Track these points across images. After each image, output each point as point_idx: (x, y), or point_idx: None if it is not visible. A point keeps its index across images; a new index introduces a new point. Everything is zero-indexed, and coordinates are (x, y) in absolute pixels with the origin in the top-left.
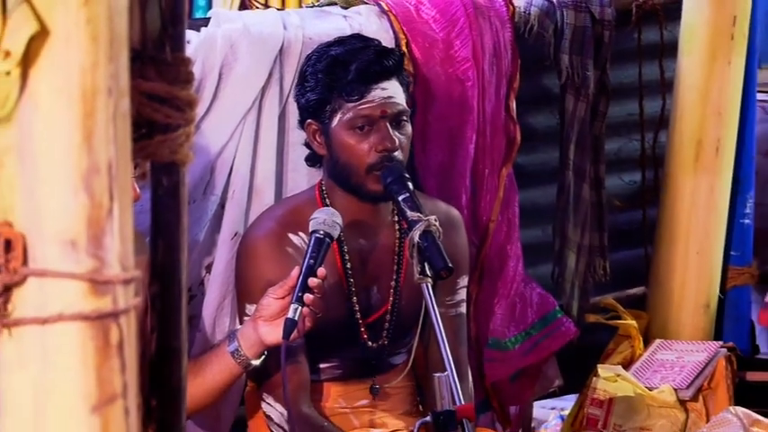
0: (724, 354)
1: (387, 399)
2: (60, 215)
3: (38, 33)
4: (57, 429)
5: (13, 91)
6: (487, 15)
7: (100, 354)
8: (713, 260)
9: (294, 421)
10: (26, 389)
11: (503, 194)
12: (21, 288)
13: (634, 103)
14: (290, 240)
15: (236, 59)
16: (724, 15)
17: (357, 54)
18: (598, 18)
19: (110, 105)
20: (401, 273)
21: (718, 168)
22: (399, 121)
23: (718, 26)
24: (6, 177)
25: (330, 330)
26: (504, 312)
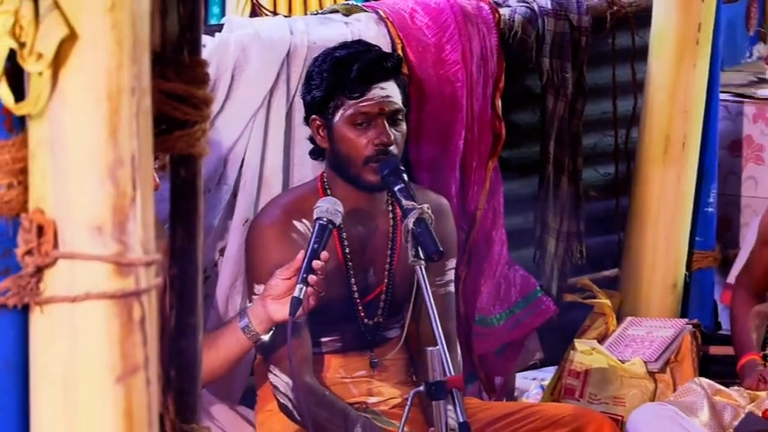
0: (689, 330)
1: (383, 370)
2: (88, 203)
3: (67, 37)
4: (84, 398)
5: (45, 90)
6: (475, 22)
7: (123, 329)
8: (680, 245)
9: (298, 390)
10: (56, 361)
11: (489, 185)
12: (51, 269)
13: (608, 102)
14: (295, 226)
15: (248, 62)
16: (690, 22)
17: (359, 56)
18: (576, 25)
19: (133, 103)
20: (395, 256)
21: (685, 162)
22: (395, 119)
23: (685, 32)
24: (38, 168)
25: (331, 308)
26: (490, 292)
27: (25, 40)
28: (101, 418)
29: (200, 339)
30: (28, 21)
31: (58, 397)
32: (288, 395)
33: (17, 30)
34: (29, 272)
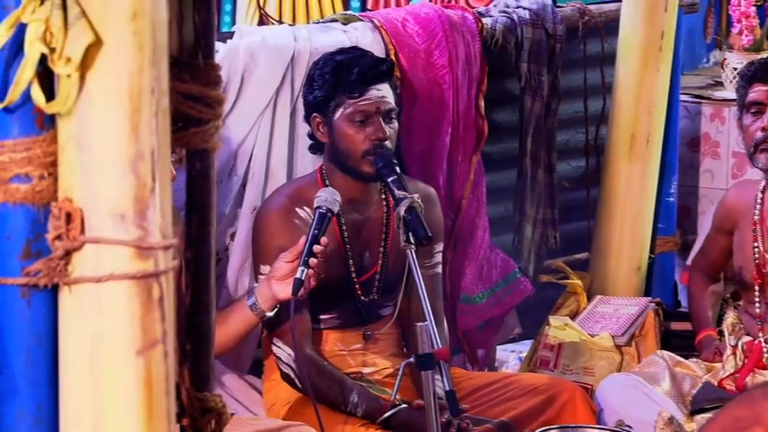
0: (652, 307)
1: (377, 343)
2: (111, 193)
3: (93, 43)
4: (108, 370)
5: (73, 90)
6: (461, 30)
7: (144, 307)
8: (644, 231)
9: (299, 361)
10: (83, 336)
11: (473, 177)
12: (79, 253)
13: (580, 102)
14: (297, 213)
15: (256, 66)
16: (653, 31)
17: (358, 61)
18: (551, 33)
19: (153, 103)
20: (388, 240)
21: (648, 157)
22: (390, 117)
23: (649, 40)
24: (67, 162)
25: (330, 288)
26: (474, 273)
27: (55, 46)
28: (123, 387)
29: (212, 316)
30: (58, 28)
31: (84, 369)
32: (290, 365)
33: (48, 36)
34: (58, 255)
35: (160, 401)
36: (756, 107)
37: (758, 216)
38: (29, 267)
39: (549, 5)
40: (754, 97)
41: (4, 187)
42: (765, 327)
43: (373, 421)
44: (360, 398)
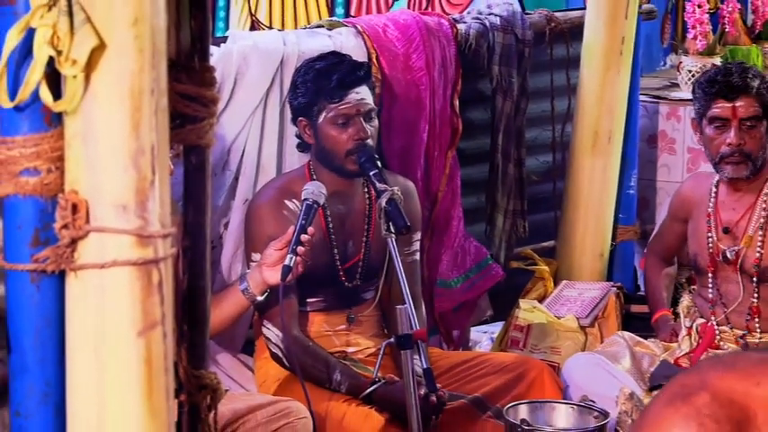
0: (614, 291)
1: (359, 325)
2: (114, 185)
3: (97, 47)
4: (111, 349)
5: (79, 90)
6: (437, 35)
7: (144, 291)
8: (606, 221)
9: (287, 341)
10: (88, 318)
11: (448, 171)
12: (84, 241)
13: (547, 102)
14: (286, 205)
15: (248, 68)
16: (614, 36)
17: (336, 67)
18: (520, 38)
19: (152, 102)
20: (370, 230)
21: (610, 152)
22: (369, 117)
23: (611, 45)
24: (73, 156)
25: (317, 274)
26: (449, 260)
27: (62, 49)
28: (125, 365)
29: (208, 299)
30: (64, 32)
31: (89, 348)
32: (279, 345)
33: (55, 40)
34: (65, 243)
35: (159, 378)
36: (720, 122)
37: (712, 208)
38: (38, 255)
39: (519, 13)
40: (718, 113)
41: (14, 180)
42: (717, 310)
43: (355, 397)
44: (343, 376)
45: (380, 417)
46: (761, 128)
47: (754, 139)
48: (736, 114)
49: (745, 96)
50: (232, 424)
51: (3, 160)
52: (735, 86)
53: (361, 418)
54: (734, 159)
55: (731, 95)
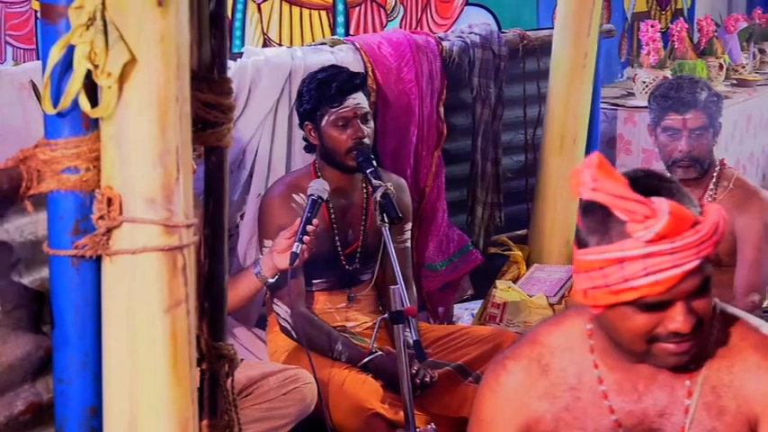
0: None
1: (358, 302)
2: (144, 181)
3: (129, 61)
4: (141, 324)
5: (113, 99)
6: (425, 51)
7: (170, 273)
8: (571, 212)
9: (294, 317)
10: (121, 298)
11: (434, 169)
12: (118, 230)
13: (520, 109)
14: (294, 199)
15: (260, 80)
16: (579, 52)
17: (335, 77)
18: (497, 54)
19: (177, 109)
20: (368, 221)
21: (575, 153)
22: (365, 119)
23: (575, 59)
24: (108, 156)
25: (321, 259)
26: (435, 246)
27: (98, 63)
28: (153, 339)
29: (226, 281)
30: (100, 49)
31: (122, 323)
32: (287, 320)
33: (92, 55)
34: (101, 232)
35: (183, 350)
36: (672, 131)
37: None
38: (77, 242)
39: (496, 32)
40: (670, 124)
41: (57, 177)
42: None
43: (354, 365)
44: (343, 347)
45: (376, 383)
46: (707, 135)
47: (702, 145)
48: (686, 125)
49: (693, 110)
50: (247, 389)
51: (47, 160)
52: (685, 101)
53: (359, 383)
54: (684, 164)
55: (682, 109)
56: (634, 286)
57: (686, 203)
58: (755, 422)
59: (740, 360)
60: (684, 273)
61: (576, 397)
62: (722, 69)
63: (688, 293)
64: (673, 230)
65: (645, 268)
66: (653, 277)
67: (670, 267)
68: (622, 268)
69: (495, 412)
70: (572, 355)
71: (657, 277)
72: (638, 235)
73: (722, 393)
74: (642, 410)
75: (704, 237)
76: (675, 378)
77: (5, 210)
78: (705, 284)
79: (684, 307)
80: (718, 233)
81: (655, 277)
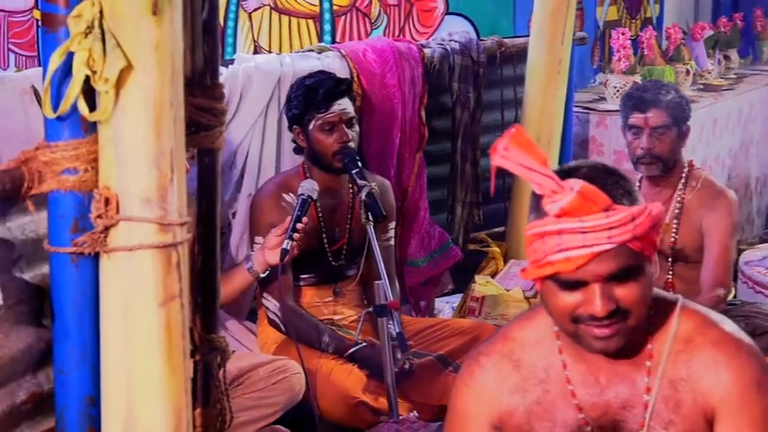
0: None
1: (344, 297)
2: (140, 182)
3: (126, 67)
4: (138, 318)
5: (110, 104)
6: (407, 58)
7: (165, 269)
8: None
9: (284, 310)
10: (118, 292)
11: (416, 170)
12: (115, 228)
13: (498, 113)
14: (284, 198)
15: (251, 85)
16: (553, 59)
17: (322, 83)
18: (476, 60)
19: (171, 113)
20: (353, 219)
21: (550, 155)
22: (351, 123)
23: (550, 65)
24: (106, 158)
25: (309, 255)
26: (417, 243)
27: (96, 69)
28: (149, 331)
29: (218, 276)
30: (98, 55)
31: (119, 317)
32: (276, 314)
33: (91, 62)
34: (99, 230)
35: (178, 342)
36: (635, 130)
37: None
38: (76, 239)
39: (474, 39)
40: (634, 122)
41: (57, 178)
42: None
43: (341, 356)
44: (330, 338)
45: (361, 373)
46: (671, 134)
47: (664, 143)
48: (648, 124)
49: (655, 109)
50: (238, 379)
51: (47, 162)
52: (646, 101)
53: (345, 373)
54: (645, 161)
55: (643, 107)
56: (550, 261)
57: (613, 191)
58: (712, 415)
59: (698, 355)
60: (594, 254)
61: (545, 390)
62: (689, 75)
63: (603, 277)
64: (580, 209)
65: (559, 244)
66: (564, 254)
67: (580, 246)
68: (543, 243)
69: (469, 406)
70: (541, 350)
71: (568, 254)
72: (547, 208)
73: (680, 387)
74: (605, 403)
75: (616, 223)
76: (635, 372)
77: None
78: (626, 273)
79: (600, 291)
80: (637, 225)
81: (566, 254)
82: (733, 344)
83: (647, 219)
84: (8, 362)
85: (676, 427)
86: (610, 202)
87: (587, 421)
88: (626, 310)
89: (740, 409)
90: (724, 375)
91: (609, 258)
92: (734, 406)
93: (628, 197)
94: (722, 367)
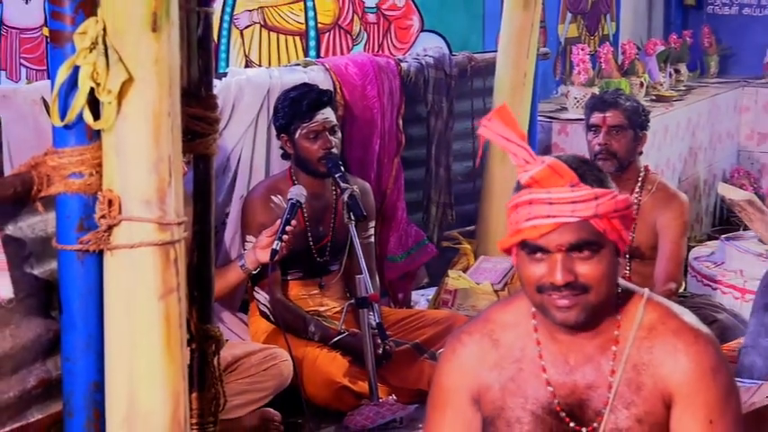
0: None
1: (328, 290)
2: (141, 185)
3: (127, 80)
4: (139, 310)
5: (113, 113)
6: (386, 71)
7: (163, 265)
8: None
9: (273, 303)
10: (121, 286)
11: (394, 173)
12: (117, 227)
13: (468, 121)
14: (273, 200)
15: (243, 96)
16: (519, 72)
17: (306, 95)
18: (448, 74)
19: (169, 122)
20: (337, 219)
21: None
22: (333, 131)
23: (516, 78)
24: (109, 163)
25: (296, 252)
26: (395, 240)
27: (100, 82)
28: (149, 322)
29: (213, 272)
30: (102, 69)
31: (122, 309)
32: (267, 306)
33: (95, 75)
34: (103, 229)
35: (176, 332)
36: (595, 128)
37: None
38: (82, 238)
39: (447, 54)
40: (594, 121)
41: (64, 181)
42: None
43: (326, 344)
44: (316, 328)
45: (344, 359)
46: (627, 135)
47: (620, 142)
48: (606, 122)
49: (613, 109)
50: (231, 365)
51: (55, 166)
52: (606, 101)
53: (329, 360)
54: (602, 156)
55: (602, 108)
56: (520, 228)
57: (584, 175)
58: (669, 398)
59: (660, 342)
60: (558, 224)
61: (519, 368)
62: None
63: (564, 247)
64: (547, 180)
65: (529, 212)
66: (532, 222)
67: (546, 216)
68: (517, 213)
69: (451, 380)
70: (518, 331)
71: (535, 222)
72: (520, 176)
73: (642, 371)
74: (573, 382)
75: (579, 198)
76: (602, 355)
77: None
78: (587, 247)
79: (561, 261)
80: (600, 204)
81: (533, 222)
82: (692, 333)
83: (611, 201)
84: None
85: (637, 408)
86: (577, 180)
87: (556, 397)
88: (585, 285)
89: (696, 392)
90: (682, 362)
91: (570, 230)
92: (691, 390)
93: (598, 183)
94: (681, 354)
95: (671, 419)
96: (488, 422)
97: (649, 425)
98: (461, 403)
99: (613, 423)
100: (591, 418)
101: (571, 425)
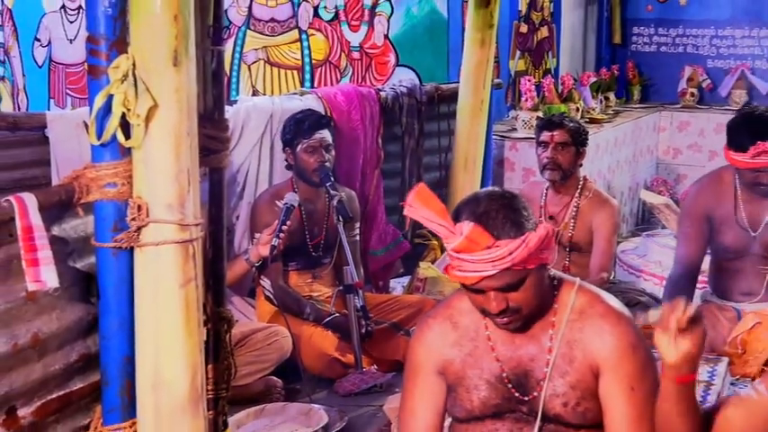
0: None
1: (321, 279)
2: (165, 192)
3: (153, 106)
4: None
5: (141, 134)
6: (368, 99)
7: (183, 259)
8: None
9: (275, 289)
10: (148, 278)
11: (375, 183)
12: (145, 228)
13: (436, 140)
14: (276, 204)
15: (250, 120)
16: (477, 99)
17: (309, 117)
18: (419, 100)
19: (188, 141)
20: (328, 220)
21: (475, 171)
22: (328, 149)
23: (475, 104)
24: (138, 175)
25: (295, 247)
26: (376, 238)
27: (130, 108)
28: (172, 306)
29: (224, 264)
30: (132, 97)
31: (149, 295)
32: (270, 291)
33: (126, 102)
34: (133, 229)
35: (194, 314)
36: (544, 144)
37: (543, 203)
38: (116, 237)
39: (418, 85)
40: (543, 139)
41: (101, 190)
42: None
43: (319, 324)
44: (311, 310)
45: (334, 336)
46: (570, 150)
47: (565, 156)
48: (553, 140)
49: (559, 129)
50: (241, 341)
51: (93, 178)
52: (553, 122)
53: (321, 337)
54: (549, 167)
55: (551, 127)
56: (456, 275)
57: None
58: (597, 370)
59: (589, 324)
60: (482, 277)
61: (475, 346)
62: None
63: (495, 289)
64: (468, 248)
65: (459, 266)
66: (463, 273)
67: (472, 271)
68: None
69: (420, 356)
70: (473, 316)
71: (465, 274)
72: (446, 245)
73: (574, 347)
74: (518, 357)
75: (497, 257)
76: (542, 335)
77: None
78: (516, 285)
79: (493, 296)
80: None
81: (464, 274)
82: (615, 315)
83: (524, 250)
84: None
85: (570, 377)
86: (493, 241)
87: (505, 369)
88: (516, 308)
89: (619, 364)
90: (608, 339)
91: (496, 278)
92: (614, 362)
93: (515, 229)
94: (606, 333)
95: (599, 387)
96: (452, 389)
97: (581, 390)
98: (429, 375)
99: (552, 389)
100: (533, 386)
101: (516, 395)
